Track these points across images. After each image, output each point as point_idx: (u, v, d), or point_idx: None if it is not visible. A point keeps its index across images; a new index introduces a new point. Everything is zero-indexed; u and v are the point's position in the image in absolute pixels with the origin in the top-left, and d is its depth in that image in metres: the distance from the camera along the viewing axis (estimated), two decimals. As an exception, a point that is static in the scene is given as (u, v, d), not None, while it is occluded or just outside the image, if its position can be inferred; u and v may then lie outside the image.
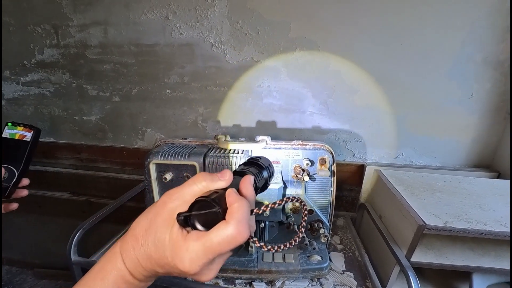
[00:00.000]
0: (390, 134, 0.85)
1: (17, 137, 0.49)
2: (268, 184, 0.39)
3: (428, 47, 0.75)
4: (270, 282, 0.61)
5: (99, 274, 0.28)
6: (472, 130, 0.81)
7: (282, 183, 0.66)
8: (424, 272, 0.65)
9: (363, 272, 0.65)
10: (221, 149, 0.66)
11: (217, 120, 0.93)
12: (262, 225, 0.66)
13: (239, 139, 0.71)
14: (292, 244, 0.32)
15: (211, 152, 0.64)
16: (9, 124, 0.49)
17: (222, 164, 0.62)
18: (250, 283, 0.61)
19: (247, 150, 0.66)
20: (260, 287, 0.60)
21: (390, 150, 0.87)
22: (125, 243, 0.28)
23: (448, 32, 0.73)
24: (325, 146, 0.66)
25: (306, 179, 0.63)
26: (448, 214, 0.55)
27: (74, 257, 0.63)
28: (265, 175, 0.38)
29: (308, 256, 0.64)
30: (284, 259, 0.62)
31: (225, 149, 0.66)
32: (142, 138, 1.01)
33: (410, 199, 0.61)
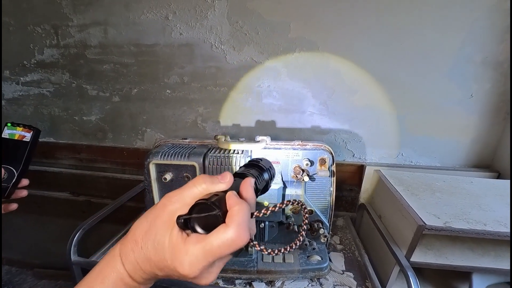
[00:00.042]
0: (390, 134, 0.85)
1: (17, 138, 0.49)
2: (269, 186, 0.39)
3: (428, 48, 0.75)
4: (270, 282, 0.61)
5: (99, 277, 0.28)
6: (471, 130, 0.81)
7: (282, 183, 0.66)
8: (424, 272, 0.65)
9: (363, 272, 0.65)
10: (221, 149, 0.66)
11: (217, 120, 0.93)
12: (262, 225, 0.66)
13: (239, 139, 0.71)
14: (293, 248, 0.32)
15: (211, 152, 0.64)
16: (9, 125, 0.49)
17: (222, 164, 0.62)
18: (250, 283, 0.61)
19: (247, 150, 0.66)
20: (260, 287, 0.60)
21: (390, 150, 0.87)
22: (125, 246, 0.28)
23: (448, 32, 0.73)
24: (325, 146, 0.66)
25: (306, 179, 0.63)
26: (447, 214, 0.55)
27: (74, 257, 0.63)
28: (266, 177, 0.38)
29: (307, 256, 0.64)
30: (284, 259, 0.62)
31: (225, 149, 0.66)
32: (142, 138, 1.01)
33: (409, 199, 0.61)
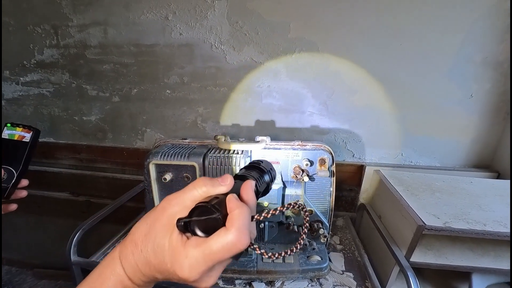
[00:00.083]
0: (390, 134, 0.85)
1: (16, 138, 0.49)
2: (270, 188, 0.39)
3: (427, 48, 0.75)
4: (269, 283, 0.61)
5: (98, 280, 0.28)
6: (471, 131, 0.81)
7: (282, 183, 0.66)
8: (424, 272, 0.66)
9: (363, 272, 0.65)
10: (221, 150, 0.66)
11: (217, 121, 0.93)
12: (261, 225, 0.66)
13: (238, 139, 0.71)
14: (293, 252, 0.32)
15: (210, 152, 0.64)
16: (8, 125, 0.49)
17: (221, 165, 0.62)
18: (249, 283, 0.61)
19: (247, 150, 0.66)
20: (260, 287, 0.60)
21: (390, 150, 0.87)
22: (124, 248, 0.28)
23: (447, 32, 0.73)
24: (325, 146, 0.66)
25: (306, 179, 0.63)
26: (447, 215, 0.55)
27: (74, 258, 0.63)
28: (267, 179, 0.38)
29: (307, 257, 0.64)
30: (283, 260, 0.62)
31: (224, 150, 0.66)
32: (142, 138, 1.01)
33: (409, 200, 0.61)
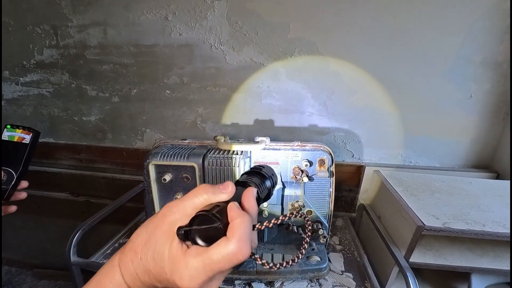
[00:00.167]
0: (389, 134, 0.85)
1: (16, 140, 0.49)
2: (271, 194, 0.39)
3: (427, 48, 0.75)
4: (269, 283, 0.61)
5: (97, 287, 0.28)
6: (471, 131, 0.81)
7: (281, 184, 0.66)
8: (423, 272, 0.66)
9: (362, 273, 0.65)
10: (220, 150, 0.66)
11: (216, 121, 0.93)
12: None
13: (238, 140, 0.71)
14: (295, 262, 0.31)
15: (210, 153, 0.64)
16: (8, 127, 0.49)
17: (221, 165, 0.62)
18: (249, 284, 0.61)
19: (246, 151, 0.66)
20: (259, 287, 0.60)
21: (389, 150, 0.87)
22: (124, 256, 0.28)
23: (447, 32, 0.73)
24: (324, 147, 0.66)
25: (305, 180, 0.63)
26: (447, 215, 0.55)
27: (74, 258, 0.63)
28: (268, 185, 0.37)
29: (307, 257, 0.64)
30: (283, 260, 0.62)
31: (224, 150, 0.66)
32: (142, 139, 1.01)
33: (409, 200, 0.61)
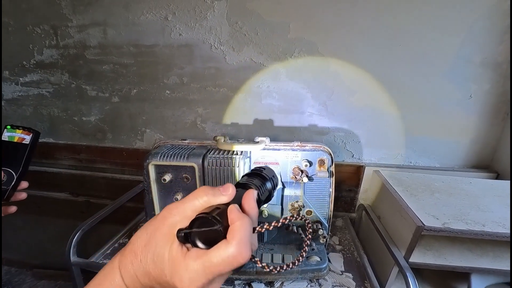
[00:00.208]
0: (389, 134, 0.85)
1: (16, 140, 0.49)
2: (272, 196, 0.38)
3: (427, 48, 0.75)
4: (269, 283, 0.61)
5: None
6: (471, 131, 0.81)
7: (281, 184, 0.66)
8: (423, 272, 0.66)
9: (362, 273, 0.65)
10: (220, 150, 0.66)
11: (216, 121, 0.93)
12: (260, 224, 0.66)
13: (238, 140, 0.71)
14: (296, 264, 0.31)
15: (210, 153, 0.64)
16: (8, 127, 0.49)
17: (221, 166, 0.62)
18: (249, 284, 0.61)
19: (246, 151, 0.66)
20: (259, 288, 0.60)
21: (389, 150, 0.87)
22: (124, 258, 0.28)
23: (447, 33, 0.73)
24: (324, 147, 0.66)
25: (305, 180, 0.63)
26: (446, 215, 0.55)
27: (73, 258, 0.63)
28: (269, 187, 0.37)
29: (307, 257, 0.64)
30: (283, 260, 0.62)
31: (224, 150, 0.66)
32: (142, 139, 1.01)
33: (408, 200, 0.61)
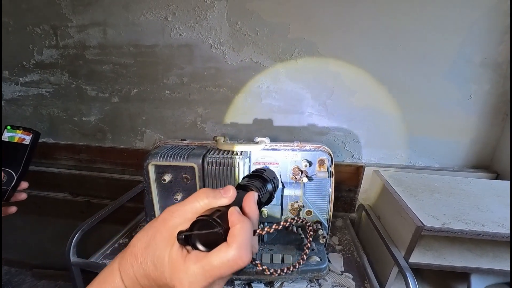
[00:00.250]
0: (389, 135, 0.85)
1: (16, 141, 0.49)
2: (273, 197, 0.38)
3: (427, 49, 0.75)
4: (269, 283, 0.61)
5: None
6: (470, 131, 0.81)
7: (281, 184, 0.66)
8: (423, 273, 0.66)
9: (362, 273, 0.65)
10: (220, 151, 0.66)
11: (216, 121, 0.93)
12: (260, 226, 0.66)
13: (238, 140, 0.71)
14: (296, 268, 0.31)
15: (209, 153, 0.64)
16: (8, 128, 0.49)
17: (221, 166, 0.62)
18: (249, 284, 0.61)
19: (246, 151, 0.66)
20: (259, 288, 0.60)
21: (389, 151, 0.87)
22: (124, 260, 0.28)
23: (446, 33, 0.73)
24: (324, 147, 0.66)
25: (305, 180, 0.63)
26: (446, 215, 0.55)
27: (73, 258, 0.63)
28: (270, 188, 0.37)
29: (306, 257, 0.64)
30: (282, 260, 0.62)
31: (224, 151, 0.66)
32: (141, 139, 1.01)
33: (408, 200, 0.61)
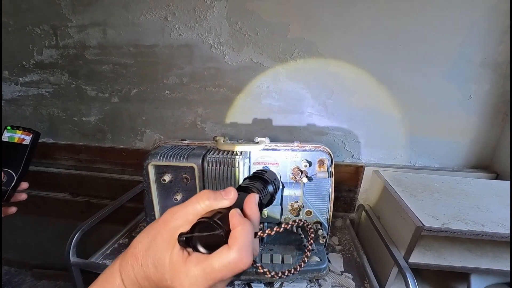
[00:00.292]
0: (389, 135, 0.85)
1: (16, 141, 0.49)
2: (274, 199, 0.38)
3: (427, 49, 0.75)
4: (268, 284, 0.61)
5: None
6: (470, 131, 0.81)
7: (281, 184, 0.66)
8: (422, 273, 0.66)
9: (362, 273, 0.65)
10: (220, 151, 0.66)
11: (216, 121, 0.93)
12: (260, 225, 0.66)
13: (237, 140, 0.71)
14: (297, 270, 0.31)
15: (209, 153, 0.64)
16: (8, 128, 0.49)
17: (220, 166, 0.62)
18: (249, 284, 0.61)
19: (246, 151, 0.66)
20: (259, 288, 0.60)
21: (389, 151, 0.87)
22: (125, 262, 0.28)
23: (446, 33, 0.73)
24: (324, 147, 0.66)
25: (305, 180, 0.63)
26: (446, 215, 0.55)
27: (73, 259, 0.63)
28: (271, 190, 0.37)
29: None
30: (282, 260, 0.62)
31: (223, 151, 0.66)
32: (141, 139, 1.01)
33: (408, 200, 0.61)
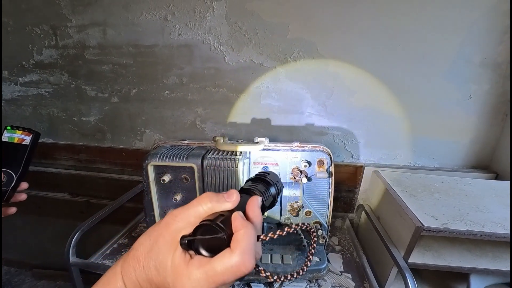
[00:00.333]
0: (389, 135, 0.85)
1: (16, 141, 0.49)
2: (276, 201, 0.38)
3: (426, 49, 0.75)
4: (268, 284, 0.61)
5: None
6: (470, 131, 0.81)
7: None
8: (422, 273, 0.66)
9: (361, 273, 0.65)
10: (220, 151, 0.66)
11: (215, 121, 0.93)
12: (264, 229, 0.66)
13: (237, 140, 0.71)
14: (300, 274, 0.31)
15: (209, 154, 0.64)
16: (8, 128, 0.49)
17: (220, 166, 0.62)
18: (248, 284, 0.61)
19: (246, 152, 0.66)
20: (259, 288, 0.60)
21: (389, 151, 0.87)
22: (126, 264, 0.28)
23: (446, 33, 0.73)
24: (323, 147, 0.66)
25: (304, 180, 0.63)
26: (445, 216, 0.55)
27: (73, 259, 0.63)
28: (273, 192, 0.37)
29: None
30: (282, 261, 0.62)
31: (223, 151, 0.66)
32: (141, 139, 1.01)
33: (408, 201, 0.61)
